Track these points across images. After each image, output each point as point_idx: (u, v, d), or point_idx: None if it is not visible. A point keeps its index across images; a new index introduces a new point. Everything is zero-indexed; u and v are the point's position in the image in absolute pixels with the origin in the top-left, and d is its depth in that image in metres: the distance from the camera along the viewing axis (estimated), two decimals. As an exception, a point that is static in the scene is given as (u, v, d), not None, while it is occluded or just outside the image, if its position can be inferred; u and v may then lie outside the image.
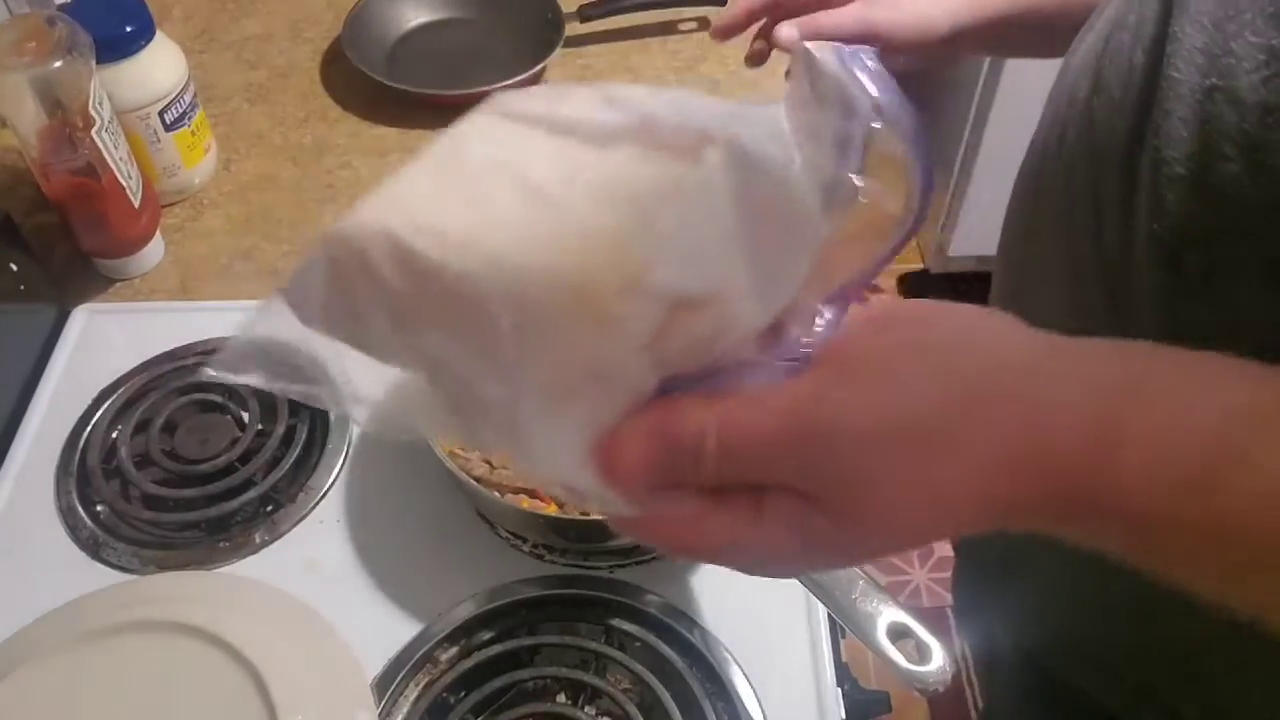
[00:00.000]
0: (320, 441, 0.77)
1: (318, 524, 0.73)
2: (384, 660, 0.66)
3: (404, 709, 0.64)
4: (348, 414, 0.37)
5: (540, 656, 0.66)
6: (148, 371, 0.81)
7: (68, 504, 0.74)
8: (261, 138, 1.02)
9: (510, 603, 0.68)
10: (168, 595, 0.68)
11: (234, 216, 0.95)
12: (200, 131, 0.94)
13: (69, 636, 0.63)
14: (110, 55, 0.84)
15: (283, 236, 0.93)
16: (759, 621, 0.67)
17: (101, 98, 0.79)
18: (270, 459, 0.75)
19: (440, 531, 0.72)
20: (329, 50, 1.11)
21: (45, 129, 0.78)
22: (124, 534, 0.73)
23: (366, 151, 1.01)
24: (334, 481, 0.75)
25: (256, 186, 0.97)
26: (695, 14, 1.13)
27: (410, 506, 0.74)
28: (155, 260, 0.90)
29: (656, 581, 0.69)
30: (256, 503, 0.74)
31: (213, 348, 0.82)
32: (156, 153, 0.91)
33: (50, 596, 0.68)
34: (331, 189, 0.97)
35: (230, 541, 0.72)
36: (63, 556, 0.71)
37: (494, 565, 0.70)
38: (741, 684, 0.64)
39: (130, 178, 0.83)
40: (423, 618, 0.68)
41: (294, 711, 0.58)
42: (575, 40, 1.10)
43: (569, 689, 0.65)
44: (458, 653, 0.66)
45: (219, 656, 0.60)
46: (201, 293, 0.89)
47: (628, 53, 1.11)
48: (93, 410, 0.79)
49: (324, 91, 1.07)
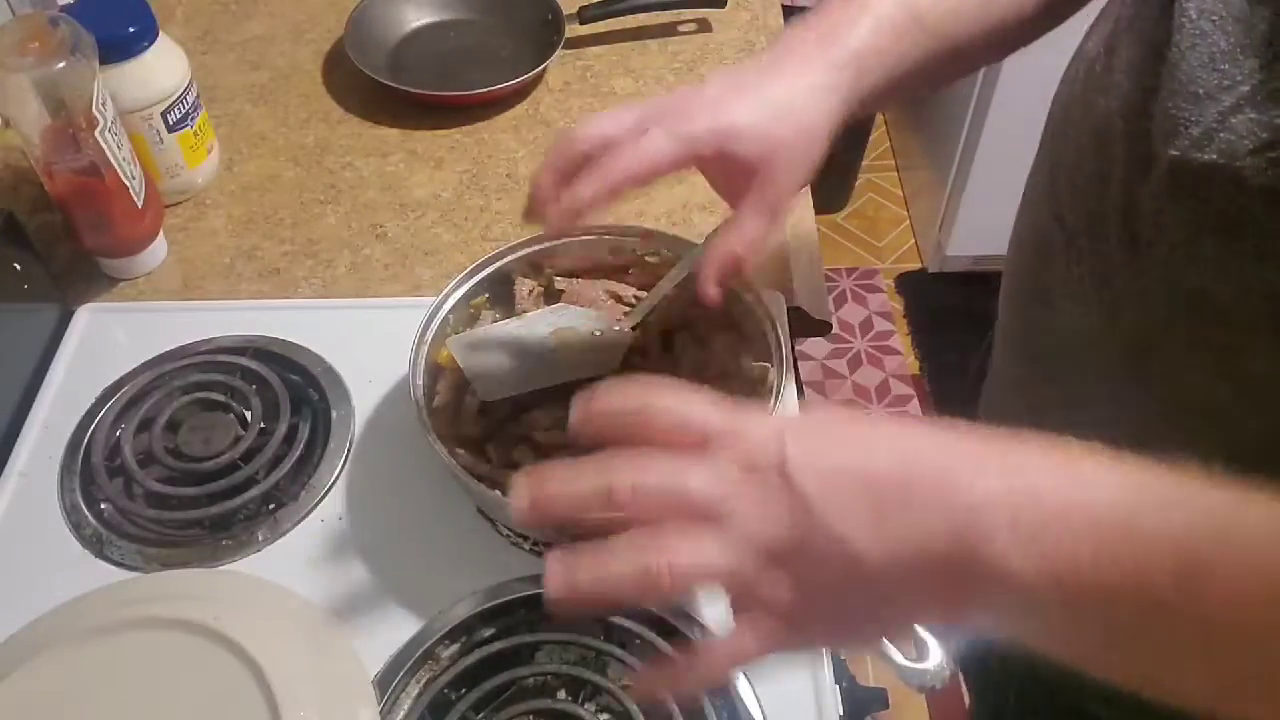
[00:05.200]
0: (322, 440, 0.77)
1: (319, 522, 0.73)
2: (385, 657, 0.66)
3: (405, 706, 0.64)
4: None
5: (541, 654, 0.66)
6: (151, 370, 0.81)
7: (71, 502, 0.74)
8: (264, 138, 1.02)
9: (511, 600, 0.68)
10: (171, 593, 0.68)
11: (236, 217, 0.95)
12: (203, 132, 0.94)
13: (73, 634, 0.63)
14: (113, 56, 0.84)
15: (285, 237, 0.93)
16: (758, 619, 0.68)
17: (105, 98, 0.79)
18: (273, 457, 0.76)
19: (441, 529, 0.73)
20: (331, 51, 1.11)
21: (49, 129, 0.78)
22: (127, 532, 0.73)
23: (368, 152, 1.01)
24: (336, 480, 0.76)
25: (259, 187, 0.98)
26: (695, 15, 1.13)
27: (412, 504, 0.74)
28: (158, 260, 0.91)
29: (656, 579, 0.69)
30: (259, 501, 0.74)
31: (214, 346, 0.83)
32: (159, 153, 0.91)
33: (54, 594, 0.68)
34: (334, 189, 0.98)
35: (233, 539, 0.72)
36: (66, 554, 0.72)
37: (495, 563, 0.70)
38: (740, 681, 0.64)
39: (133, 178, 0.84)
40: (424, 615, 0.68)
41: (296, 708, 0.58)
42: (575, 41, 1.11)
43: (569, 686, 0.65)
44: (459, 650, 0.67)
45: (222, 654, 0.60)
46: (204, 292, 0.89)
47: (628, 54, 1.11)
48: (96, 409, 0.79)
49: (326, 92, 1.07)
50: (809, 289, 0.88)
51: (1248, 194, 0.42)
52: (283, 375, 0.80)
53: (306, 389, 0.80)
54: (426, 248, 0.92)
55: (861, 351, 2.15)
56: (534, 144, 1.02)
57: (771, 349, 0.72)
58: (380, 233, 0.93)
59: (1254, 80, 0.43)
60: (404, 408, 0.71)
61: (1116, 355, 0.52)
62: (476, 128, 1.03)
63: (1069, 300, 0.55)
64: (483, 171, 0.99)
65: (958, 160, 2.01)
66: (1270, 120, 0.42)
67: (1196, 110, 0.44)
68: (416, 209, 0.96)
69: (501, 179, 0.98)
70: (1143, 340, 0.50)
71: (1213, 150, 0.43)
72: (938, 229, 2.15)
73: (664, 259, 0.79)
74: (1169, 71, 0.46)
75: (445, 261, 0.91)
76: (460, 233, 0.94)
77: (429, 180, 0.98)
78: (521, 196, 0.96)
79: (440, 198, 0.97)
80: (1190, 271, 0.46)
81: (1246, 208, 0.42)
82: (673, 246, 0.79)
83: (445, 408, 0.74)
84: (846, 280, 2.27)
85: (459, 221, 0.95)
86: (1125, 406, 0.52)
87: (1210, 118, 0.44)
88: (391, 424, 0.78)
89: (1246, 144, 0.42)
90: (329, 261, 0.91)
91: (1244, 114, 0.43)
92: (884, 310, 2.22)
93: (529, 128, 1.03)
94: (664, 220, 0.93)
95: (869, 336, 2.17)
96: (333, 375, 0.81)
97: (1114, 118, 0.50)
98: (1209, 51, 0.44)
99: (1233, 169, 0.43)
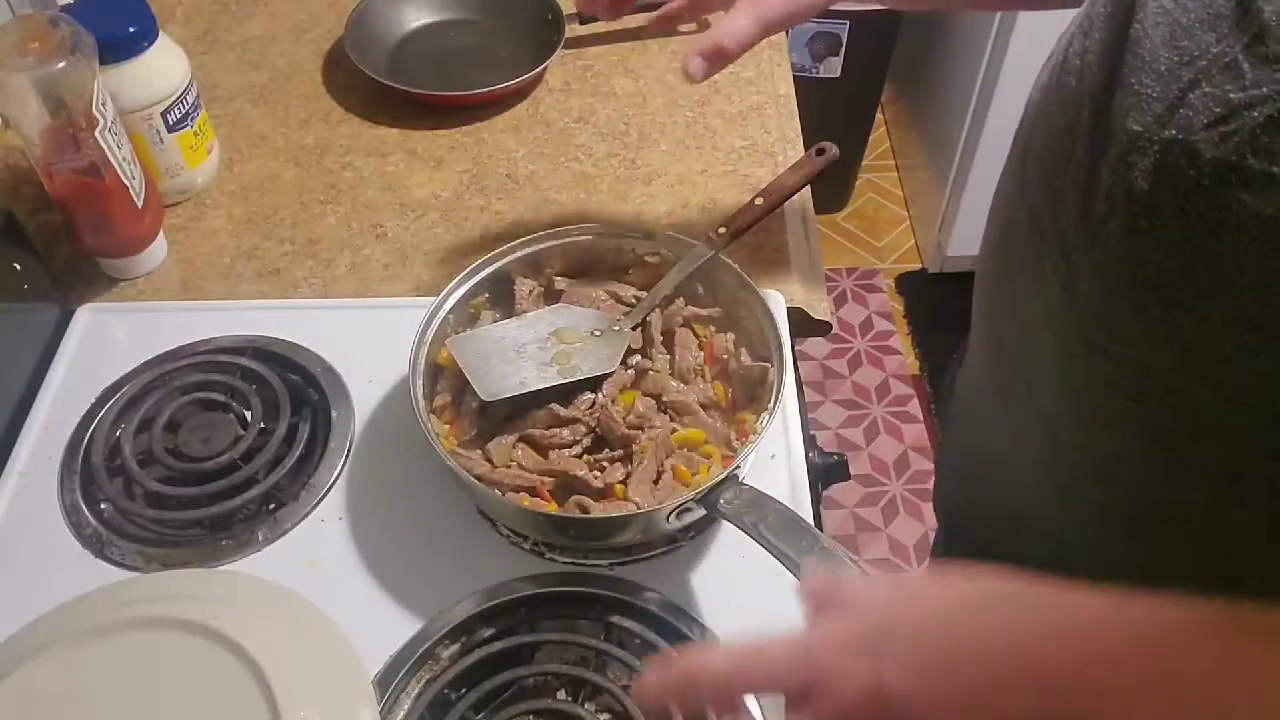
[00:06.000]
0: (322, 440, 0.77)
1: (319, 522, 0.73)
2: (385, 657, 0.66)
3: (405, 705, 0.64)
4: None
5: (540, 653, 0.66)
6: (151, 370, 0.81)
7: (71, 502, 0.74)
8: (264, 138, 1.02)
9: (511, 600, 0.68)
10: (171, 593, 0.68)
11: (236, 217, 0.95)
12: (203, 132, 0.94)
13: (73, 634, 0.63)
14: (113, 56, 0.84)
15: (285, 236, 0.93)
16: (758, 618, 0.67)
17: (105, 98, 0.79)
18: (273, 457, 0.76)
19: (441, 529, 0.73)
20: (331, 51, 1.11)
21: (49, 129, 0.78)
22: (127, 532, 0.73)
23: (368, 152, 1.01)
24: (336, 479, 0.76)
25: (259, 187, 0.98)
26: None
27: (411, 504, 0.74)
28: (158, 260, 0.91)
29: (656, 579, 0.70)
30: (259, 501, 0.74)
31: (214, 346, 0.83)
32: (159, 153, 0.91)
33: (54, 594, 0.68)
34: (334, 189, 0.98)
35: (233, 539, 0.72)
36: (66, 554, 0.72)
37: (495, 562, 0.71)
38: (740, 681, 0.64)
39: (133, 178, 0.84)
40: (424, 615, 0.68)
41: (296, 708, 0.58)
42: (575, 41, 1.11)
43: (569, 686, 0.65)
44: (459, 650, 0.67)
45: (221, 653, 0.60)
46: (204, 292, 0.89)
47: (628, 54, 1.11)
48: (96, 409, 0.79)
49: (326, 92, 1.07)
50: (809, 289, 0.88)
51: (1199, 167, 0.43)
52: (283, 375, 0.80)
53: (306, 389, 0.80)
54: (426, 248, 0.92)
55: (861, 351, 2.14)
56: (534, 144, 1.02)
57: (771, 349, 0.72)
58: (380, 233, 0.93)
59: (1209, 55, 0.44)
60: (404, 408, 0.71)
61: (1074, 333, 0.53)
62: (476, 128, 1.03)
63: (1029, 279, 0.56)
64: (483, 171, 0.99)
65: (958, 160, 2.01)
66: (1224, 94, 0.43)
67: (1159, 86, 0.46)
68: (416, 209, 0.96)
69: (501, 179, 0.98)
70: (1099, 316, 0.51)
71: (1173, 126, 0.45)
72: (938, 229, 2.15)
73: (664, 259, 0.79)
74: (1133, 49, 0.47)
75: (445, 261, 0.91)
76: (460, 233, 0.94)
77: (429, 180, 0.98)
78: (522, 197, 0.97)
79: (440, 198, 0.97)
80: (1146, 247, 0.47)
81: (1198, 181, 0.44)
82: (673, 246, 0.79)
83: (445, 408, 0.74)
84: (846, 280, 2.26)
85: (459, 221, 0.95)
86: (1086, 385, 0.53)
87: (1171, 94, 0.45)
88: (391, 424, 0.78)
89: (1202, 118, 0.43)
90: (329, 261, 0.91)
91: (1200, 89, 0.44)
92: (884, 310, 2.22)
93: (529, 128, 1.03)
94: (664, 220, 0.93)
95: (869, 336, 2.17)
96: (333, 375, 0.81)
97: (1083, 97, 0.51)
98: (1170, 28, 0.46)
99: (1189, 143, 0.44)
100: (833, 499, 1.88)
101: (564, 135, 1.02)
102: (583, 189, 0.97)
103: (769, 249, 0.91)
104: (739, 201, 0.85)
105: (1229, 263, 0.43)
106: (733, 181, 0.97)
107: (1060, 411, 0.56)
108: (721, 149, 1.00)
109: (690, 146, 1.00)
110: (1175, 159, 0.44)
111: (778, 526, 0.61)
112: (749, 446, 0.67)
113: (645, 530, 0.69)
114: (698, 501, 0.65)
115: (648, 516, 0.66)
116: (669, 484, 0.70)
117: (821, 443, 0.98)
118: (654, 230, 0.80)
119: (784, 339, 0.73)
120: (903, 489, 1.93)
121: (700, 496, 0.65)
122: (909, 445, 1.99)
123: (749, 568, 0.68)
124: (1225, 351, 0.45)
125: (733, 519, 0.63)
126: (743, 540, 0.62)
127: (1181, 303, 0.46)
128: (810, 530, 0.60)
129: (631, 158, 1.00)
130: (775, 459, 0.75)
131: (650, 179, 0.98)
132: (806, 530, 0.60)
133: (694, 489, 0.67)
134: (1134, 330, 0.49)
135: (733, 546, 0.70)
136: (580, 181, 0.98)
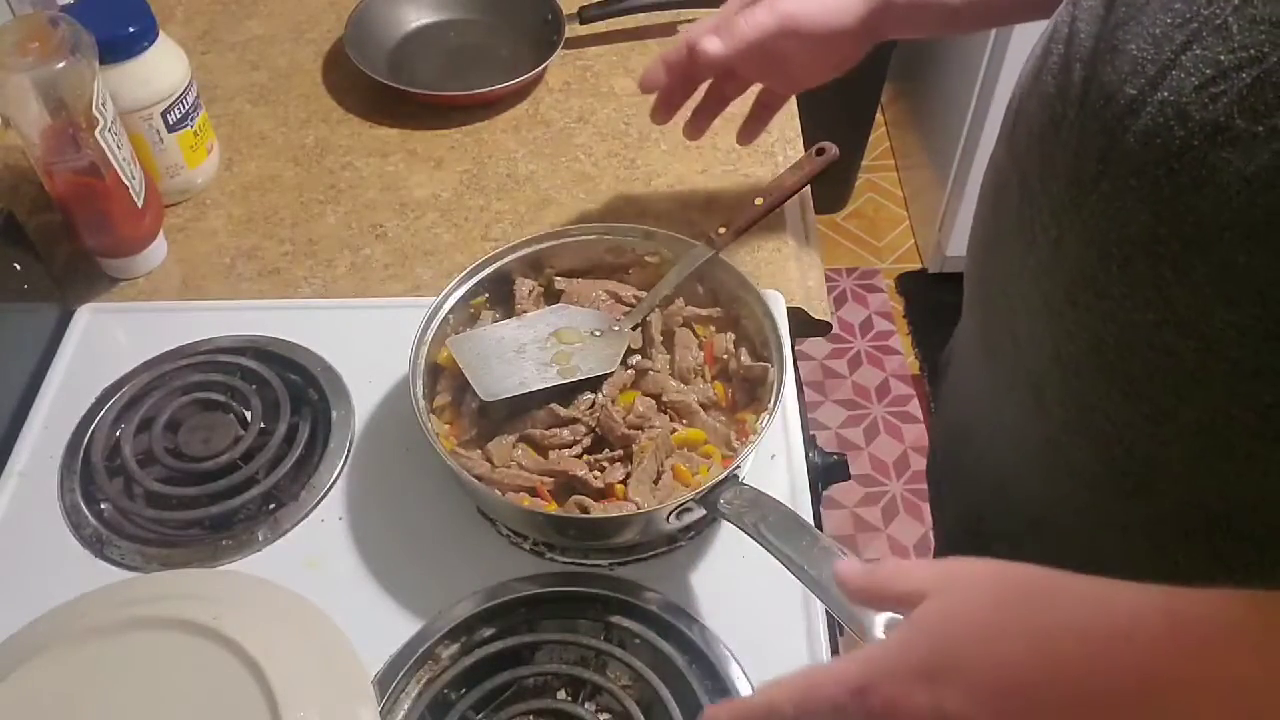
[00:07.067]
0: (322, 440, 0.77)
1: (319, 522, 0.73)
2: (385, 657, 0.66)
3: (405, 705, 0.64)
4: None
5: (540, 653, 0.67)
6: (151, 370, 0.81)
7: (71, 502, 0.74)
8: (264, 138, 1.02)
9: (511, 600, 0.68)
10: (171, 593, 0.68)
11: (236, 216, 0.95)
12: (203, 132, 0.94)
13: (72, 634, 0.63)
14: (113, 56, 0.84)
15: (285, 236, 0.93)
16: (758, 618, 0.68)
17: (104, 98, 0.79)
18: (273, 457, 0.76)
19: (441, 529, 0.73)
20: (331, 51, 1.11)
21: (49, 129, 0.78)
22: (127, 532, 0.73)
23: (368, 152, 1.01)
24: (336, 480, 0.76)
25: (259, 187, 0.98)
26: (695, 15, 1.13)
27: (412, 504, 0.74)
28: (158, 260, 0.91)
29: (656, 579, 0.70)
30: (259, 501, 0.74)
31: (214, 346, 0.83)
32: (159, 153, 0.91)
33: (54, 594, 0.68)
34: (334, 189, 0.98)
35: (233, 539, 0.72)
36: (66, 554, 0.72)
37: (495, 563, 0.71)
38: (740, 680, 0.64)
39: (133, 178, 0.84)
40: (424, 615, 0.68)
41: (296, 708, 0.58)
42: (575, 41, 1.11)
43: (569, 686, 0.65)
44: (459, 650, 0.67)
45: (222, 653, 0.60)
46: (204, 292, 0.89)
47: (628, 54, 1.11)
48: (96, 409, 0.79)
49: (326, 92, 1.07)
50: (809, 289, 0.88)
51: (1189, 129, 0.44)
52: (283, 375, 0.80)
53: (306, 389, 0.80)
54: (426, 248, 0.92)
55: (861, 351, 2.14)
56: (534, 144, 1.02)
57: (771, 349, 0.72)
58: (380, 233, 0.93)
59: (1201, 16, 0.44)
60: (404, 408, 0.71)
61: (1060, 291, 0.53)
62: (476, 128, 1.03)
63: (1019, 240, 0.57)
64: (483, 171, 0.99)
65: (958, 160, 2.01)
66: (1214, 56, 0.43)
67: (1153, 49, 0.46)
68: (416, 209, 0.96)
69: (501, 179, 0.98)
70: (1085, 273, 0.51)
71: (1164, 88, 0.45)
72: (937, 229, 2.15)
73: (664, 259, 0.79)
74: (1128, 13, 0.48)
75: (445, 261, 0.91)
76: (460, 233, 0.94)
77: (429, 180, 0.98)
78: (522, 196, 0.97)
79: (440, 198, 0.97)
80: (1135, 206, 0.47)
81: (1188, 141, 0.44)
82: (673, 246, 0.79)
83: (445, 408, 0.74)
84: (846, 280, 2.26)
85: (459, 221, 0.95)
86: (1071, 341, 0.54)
87: (1164, 56, 0.46)
88: (391, 424, 0.78)
89: (1193, 80, 0.44)
90: (329, 261, 0.91)
91: (1192, 50, 0.44)
92: (884, 310, 2.22)
93: (529, 128, 1.03)
94: (664, 220, 0.93)
95: (869, 336, 2.17)
96: (333, 375, 0.81)
97: (1072, 62, 0.52)
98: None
99: (1180, 105, 0.45)
100: (833, 499, 1.88)
101: (564, 135, 1.02)
102: (583, 189, 0.97)
103: (769, 249, 0.91)
104: (739, 201, 0.85)
105: (1213, 217, 0.44)
106: (733, 181, 0.97)
107: (1045, 369, 0.57)
108: (721, 149, 1.00)
109: (690, 146, 1.00)
110: (1166, 121, 0.45)
111: (778, 526, 0.61)
112: (749, 446, 0.68)
113: (645, 530, 0.69)
114: (698, 501, 0.65)
115: (648, 516, 0.66)
116: (669, 484, 0.70)
117: (821, 443, 0.98)
118: (654, 230, 0.80)
119: (784, 339, 0.73)
120: (903, 489, 1.93)
121: (700, 496, 0.65)
122: (909, 445, 1.99)
123: (749, 568, 0.68)
124: (1207, 305, 0.46)
125: (733, 519, 0.63)
126: (743, 540, 0.62)
127: (1166, 258, 0.46)
128: (810, 530, 0.60)
129: (631, 158, 1.00)
130: (775, 459, 0.75)
131: (650, 179, 0.98)
132: (806, 530, 0.60)
133: (694, 489, 0.67)
134: (1119, 287, 0.49)
135: (733, 546, 0.70)
136: (580, 181, 0.98)
